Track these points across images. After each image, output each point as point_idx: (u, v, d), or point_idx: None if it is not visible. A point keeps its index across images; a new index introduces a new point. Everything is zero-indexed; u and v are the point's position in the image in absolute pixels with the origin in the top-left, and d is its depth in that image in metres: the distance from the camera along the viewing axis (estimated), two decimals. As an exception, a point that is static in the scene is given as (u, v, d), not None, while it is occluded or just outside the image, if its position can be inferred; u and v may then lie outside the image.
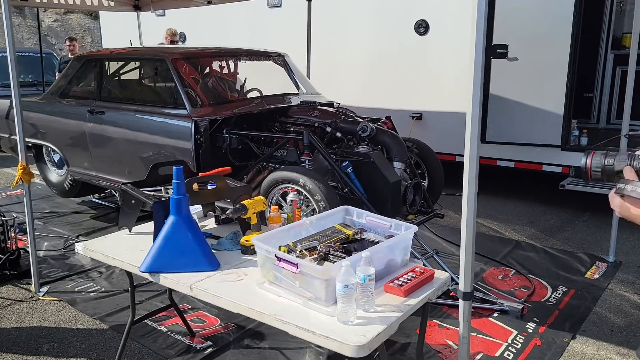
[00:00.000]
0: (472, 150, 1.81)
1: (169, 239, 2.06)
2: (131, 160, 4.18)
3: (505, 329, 3.01)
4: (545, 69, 4.86)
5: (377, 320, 1.68)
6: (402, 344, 2.84)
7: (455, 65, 5.47)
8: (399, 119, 5.55)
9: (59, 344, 2.85)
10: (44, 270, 3.78)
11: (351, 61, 6.26)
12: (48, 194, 5.59)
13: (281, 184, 3.40)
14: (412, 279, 1.92)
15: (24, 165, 3.26)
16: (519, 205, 5.44)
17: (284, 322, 1.69)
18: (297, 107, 4.21)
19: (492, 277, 3.71)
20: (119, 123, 4.21)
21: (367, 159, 3.43)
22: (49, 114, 4.80)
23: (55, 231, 4.64)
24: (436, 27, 5.63)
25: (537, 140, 5.07)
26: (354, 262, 1.74)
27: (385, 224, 2.21)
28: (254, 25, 6.57)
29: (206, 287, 1.93)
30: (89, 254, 2.31)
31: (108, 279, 3.66)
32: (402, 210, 3.57)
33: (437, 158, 4.20)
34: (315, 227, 2.24)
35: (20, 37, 21.94)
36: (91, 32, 24.50)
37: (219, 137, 3.79)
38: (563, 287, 3.57)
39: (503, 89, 5.09)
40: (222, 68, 4.57)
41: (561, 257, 4.10)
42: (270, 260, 1.90)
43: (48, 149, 5.08)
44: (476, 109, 1.79)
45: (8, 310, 3.22)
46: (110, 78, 4.59)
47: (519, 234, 4.62)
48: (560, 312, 3.23)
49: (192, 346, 2.84)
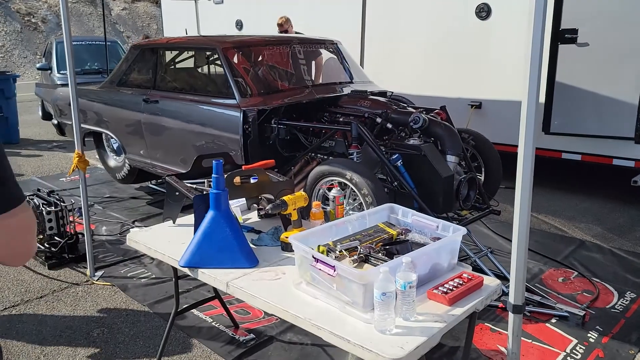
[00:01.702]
0: (526, 149, 1.65)
1: (207, 234, 2.03)
2: (183, 150, 4.24)
3: (564, 337, 2.81)
4: (619, 54, 4.49)
5: (418, 330, 1.57)
6: (451, 347, 2.71)
7: (518, 52, 5.13)
8: (457, 108, 5.33)
9: (108, 330, 2.93)
10: (100, 254, 3.91)
11: (408, 48, 6.05)
12: (109, 179, 5.79)
13: (328, 177, 3.32)
14: (459, 286, 1.79)
15: (80, 154, 3.37)
16: (585, 201, 5.09)
17: (319, 327, 1.62)
18: (348, 96, 4.10)
19: (552, 279, 3.48)
20: (171, 112, 4.26)
21: (418, 152, 3.29)
22: (107, 102, 4.95)
23: (113, 216, 4.80)
24: (499, 10, 5.32)
25: (608, 131, 4.70)
26: (393, 268, 1.64)
27: (432, 224, 2.08)
28: (310, 13, 6.48)
29: (242, 285, 1.89)
30: (133, 244, 2.34)
31: (159, 265, 3.73)
32: (454, 206, 3.40)
33: (495, 150, 3.97)
34: (358, 225, 2.15)
35: (92, 26, 22.98)
36: (157, 19, 25.29)
37: (268, 127, 3.76)
38: (631, 293, 3.29)
39: (571, 76, 4.75)
40: (273, 57, 4.52)
41: (630, 259, 3.79)
42: (308, 261, 1.83)
43: (107, 136, 5.25)
44: (533, 98, 1.63)
45: (64, 293, 3.35)
46: (164, 67, 4.66)
47: (583, 233, 4.32)
48: (627, 321, 2.98)
49: (235, 338, 2.84)
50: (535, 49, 1.58)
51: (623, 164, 4.80)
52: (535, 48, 1.55)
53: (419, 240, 2.03)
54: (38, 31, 22.29)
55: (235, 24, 8.08)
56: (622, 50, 4.46)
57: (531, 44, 1.57)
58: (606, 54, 4.55)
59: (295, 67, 4.48)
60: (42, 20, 22.50)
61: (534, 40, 1.54)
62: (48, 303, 3.23)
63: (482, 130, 4.17)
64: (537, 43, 1.55)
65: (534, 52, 1.58)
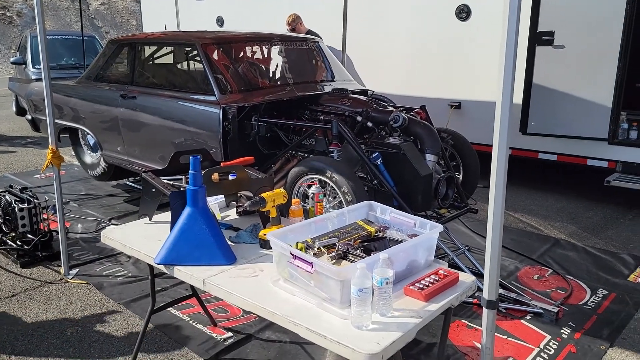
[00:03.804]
0: (500, 148, 1.66)
1: (184, 231, 2.01)
2: (161, 146, 4.19)
3: (538, 333, 2.85)
4: (594, 57, 4.58)
5: (394, 326, 1.58)
6: (427, 343, 2.73)
7: (496, 52, 5.21)
8: (437, 108, 5.37)
9: (82, 329, 2.88)
10: (75, 252, 3.84)
11: (388, 47, 6.08)
12: (85, 176, 5.69)
13: (308, 174, 3.32)
14: (435, 282, 1.81)
15: (54, 150, 3.30)
16: (561, 200, 5.19)
17: (296, 324, 1.62)
18: (329, 95, 4.10)
19: (527, 277, 3.53)
20: (149, 108, 4.21)
21: (397, 150, 3.31)
22: (83, 98, 4.86)
23: (89, 214, 4.72)
24: (479, 12, 5.38)
25: (583, 132, 4.79)
26: (370, 264, 1.64)
27: (410, 221, 2.10)
28: (292, 10, 6.46)
29: (219, 282, 1.87)
30: (108, 242, 2.30)
31: (135, 263, 3.68)
32: (433, 204, 3.43)
33: (473, 149, 4.02)
34: (337, 222, 2.16)
35: (69, 20, 22.59)
36: (136, 15, 24.97)
37: (248, 124, 3.74)
38: (603, 290, 3.36)
39: (548, 78, 4.82)
40: (254, 54, 4.50)
41: (603, 257, 3.87)
42: (286, 258, 1.82)
43: (83, 132, 5.16)
44: (507, 99, 1.65)
45: (37, 292, 3.28)
46: (142, 63, 4.60)
47: (558, 231, 4.39)
48: (599, 317, 3.04)
49: (213, 336, 2.82)
50: (510, 49, 1.60)
51: (597, 164, 4.90)
52: (509, 49, 1.58)
53: (396, 238, 2.05)
54: (13, 25, 21.82)
55: (216, 21, 8.01)
56: (597, 53, 4.55)
57: (505, 45, 1.59)
58: (582, 57, 4.63)
59: (276, 64, 4.46)
60: (17, 14, 22.05)
61: (508, 41, 1.56)
62: (20, 302, 3.16)
63: (461, 130, 4.21)
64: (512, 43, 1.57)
65: (508, 53, 1.60)
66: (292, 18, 6.20)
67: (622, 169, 4.81)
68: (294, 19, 6.20)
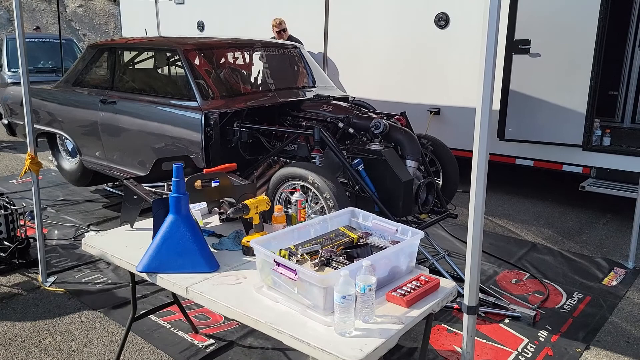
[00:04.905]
0: (480, 154, 1.71)
1: (167, 238, 2.01)
2: (142, 152, 4.16)
3: (516, 337, 2.91)
4: (569, 65, 4.69)
5: (377, 332, 1.61)
6: (409, 348, 2.76)
7: (475, 60, 5.32)
8: (416, 114, 5.44)
9: (61, 337, 2.84)
10: (52, 259, 3.78)
11: (369, 54, 6.14)
12: (62, 181, 5.61)
13: (290, 180, 3.33)
14: (416, 288, 1.84)
15: (32, 155, 3.25)
16: (537, 205, 5.30)
17: (280, 331, 1.63)
18: (311, 101, 4.13)
19: (505, 281, 3.60)
20: (130, 113, 4.18)
21: (378, 156, 3.35)
22: (62, 102, 4.80)
23: (67, 219, 4.65)
24: (457, 20, 5.47)
25: (558, 139, 4.91)
26: (353, 271, 1.66)
27: (392, 228, 2.13)
28: (273, 16, 6.48)
29: (202, 290, 1.87)
30: (88, 249, 2.28)
31: (115, 270, 3.64)
32: (414, 209, 3.48)
33: (453, 155, 4.08)
34: (320, 229, 2.17)
35: (45, 22, 22.18)
36: (114, 18, 24.66)
37: (230, 130, 3.74)
38: (579, 293, 3.45)
39: (524, 85, 4.93)
40: (235, 59, 4.50)
41: (578, 261, 3.97)
42: (269, 265, 1.84)
43: (61, 137, 5.09)
44: (486, 107, 1.69)
45: (14, 301, 3.22)
46: (122, 67, 4.56)
47: (535, 236, 4.49)
48: (575, 320, 3.12)
49: (195, 344, 2.81)
50: (489, 57, 1.64)
51: (572, 169, 5.02)
52: (489, 57, 1.62)
53: (378, 244, 2.07)
54: (-13, 26, 21.37)
55: (196, 25, 7.98)
56: (571, 61, 4.66)
57: (485, 52, 1.63)
58: (557, 65, 4.75)
59: (257, 70, 4.47)
60: (-9, 15, 21.59)
61: (488, 49, 1.60)
62: (-3, 310, 3.11)
63: (440, 135, 4.28)
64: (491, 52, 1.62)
65: (488, 60, 1.64)
66: (279, 21, 6.26)
67: (596, 174, 4.95)
68: (281, 21, 6.26)
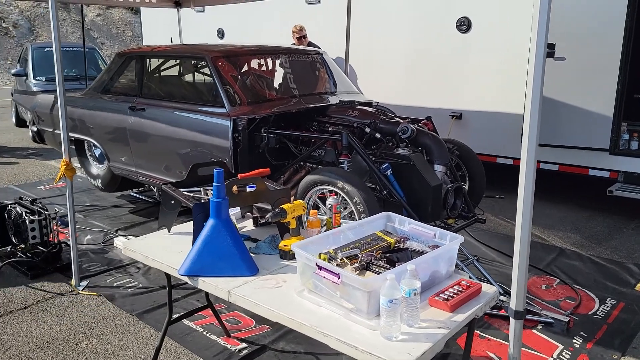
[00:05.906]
0: (529, 162, 1.70)
1: (208, 242, 2.03)
2: (170, 158, 4.21)
3: (551, 343, 2.88)
4: (595, 68, 4.65)
5: (423, 337, 1.61)
6: (442, 354, 2.75)
7: (497, 64, 5.31)
8: (437, 118, 5.42)
9: (97, 340, 2.88)
10: (83, 264, 3.84)
11: (391, 59, 6.15)
12: (89, 187, 5.69)
13: (319, 185, 3.35)
14: (459, 292, 1.84)
15: (67, 162, 3.32)
16: (563, 210, 5.24)
17: (325, 334, 1.64)
18: (336, 106, 4.15)
19: (535, 286, 3.57)
20: (158, 120, 4.24)
21: (407, 161, 3.35)
22: (90, 109, 4.88)
23: (95, 225, 4.72)
24: (479, 24, 5.46)
25: (584, 143, 4.86)
26: (398, 275, 1.67)
27: (430, 232, 2.13)
28: (293, 22, 6.53)
29: (245, 293, 1.89)
30: (129, 253, 2.32)
31: (145, 274, 3.69)
32: (442, 214, 3.47)
33: (479, 160, 4.07)
34: (355, 233, 2.18)
35: (65, 32, 22.60)
36: (132, 26, 25.04)
37: (257, 136, 3.77)
38: (611, 299, 3.40)
39: (549, 89, 4.88)
40: (261, 66, 4.54)
41: (609, 267, 3.91)
42: (310, 269, 1.85)
43: (89, 143, 5.17)
44: (535, 114, 1.70)
45: (49, 304, 3.28)
46: (150, 75, 4.63)
47: (563, 241, 4.44)
48: (609, 326, 3.07)
49: (228, 347, 2.83)
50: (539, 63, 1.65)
51: (599, 174, 4.96)
52: (538, 62, 1.62)
53: (417, 248, 2.08)
54: (9, 36, 21.81)
55: (216, 33, 8.07)
56: (597, 64, 4.62)
57: (534, 59, 1.64)
58: (582, 68, 4.71)
59: (283, 76, 4.51)
60: (13, 25, 22.05)
61: (537, 56, 1.61)
62: (33, 314, 3.16)
63: (462, 140, 4.27)
64: (540, 58, 1.62)
65: (537, 66, 1.65)
66: (300, 27, 6.31)
67: (623, 179, 4.88)
68: (301, 28, 6.31)
